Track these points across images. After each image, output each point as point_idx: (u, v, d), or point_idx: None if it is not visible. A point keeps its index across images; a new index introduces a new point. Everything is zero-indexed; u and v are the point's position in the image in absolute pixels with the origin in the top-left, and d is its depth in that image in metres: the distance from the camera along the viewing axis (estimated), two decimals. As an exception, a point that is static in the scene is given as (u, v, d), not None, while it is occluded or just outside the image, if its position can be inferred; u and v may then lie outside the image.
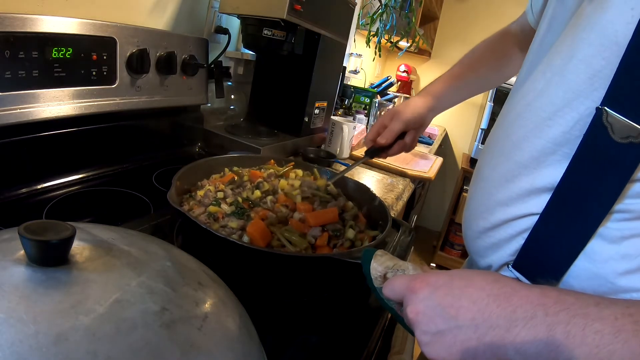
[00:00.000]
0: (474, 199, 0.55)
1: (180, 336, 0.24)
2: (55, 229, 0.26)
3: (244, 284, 0.43)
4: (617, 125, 0.37)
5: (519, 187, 0.47)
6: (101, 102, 0.75)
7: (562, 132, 0.42)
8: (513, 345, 0.28)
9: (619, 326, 0.26)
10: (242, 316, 0.32)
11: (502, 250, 0.49)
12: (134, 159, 0.88)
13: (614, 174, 0.39)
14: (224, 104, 1.21)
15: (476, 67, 0.79)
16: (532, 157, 0.45)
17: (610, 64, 0.38)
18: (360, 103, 2.04)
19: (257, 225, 0.56)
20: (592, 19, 0.41)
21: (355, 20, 2.04)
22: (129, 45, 0.78)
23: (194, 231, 0.56)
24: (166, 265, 0.30)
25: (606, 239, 0.41)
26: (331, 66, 1.25)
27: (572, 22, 0.44)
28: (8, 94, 0.59)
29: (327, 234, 0.60)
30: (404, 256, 0.70)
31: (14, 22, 0.58)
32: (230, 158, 0.78)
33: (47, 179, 0.70)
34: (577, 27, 0.43)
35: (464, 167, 2.66)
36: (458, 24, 2.94)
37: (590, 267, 0.42)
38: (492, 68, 0.79)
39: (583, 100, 0.41)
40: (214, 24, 1.09)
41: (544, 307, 0.28)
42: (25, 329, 0.21)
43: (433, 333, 0.31)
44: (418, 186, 1.58)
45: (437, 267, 2.72)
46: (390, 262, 0.41)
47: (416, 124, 0.78)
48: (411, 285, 0.34)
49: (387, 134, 0.77)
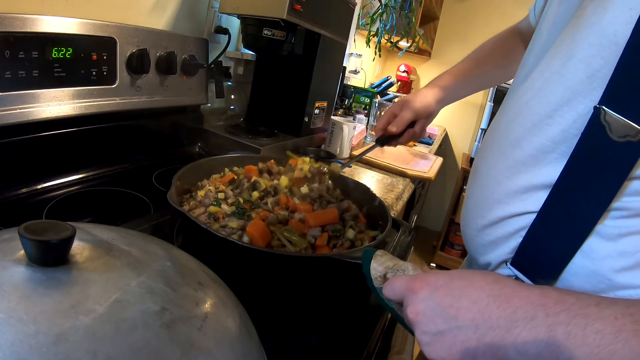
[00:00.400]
0: (472, 197, 0.55)
1: (180, 336, 0.24)
2: (55, 229, 0.26)
3: (244, 284, 0.43)
4: (614, 124, 0.38)
5: (517, 185, 0.47)
6: (101, 102, 0.75)
7: (560, 130, 0.43)
8: (513, 345, 0.28)
9: (620, 326, 0.26)
10: (242, 316, 0.32)
11: (500, 247, 0.49)
12: (134, 159, 0.88)
13: (611, 172, 0.39)
14: (224, 104, 1.21)
15: (483, 63, 0.81)
16: (530, 155, 0.46)
17: (609, 63, 0.38)
18: (360, 103, 2.04)
19: (257, 225, 0.56)
20: (592, 18, 0.41)
21: (355, 20, 2.04)
22: (129, 45, 0.78)
23: (194, 231, 0.56)
24: (166, 265, 0.30)
25: (604, 236, 0.41)
26: (331, 66, 1.25)
27: (572, 22, 0.45)
28: (8, 94, 0.59)
29: (327, 234, 0.60)
30: (404, 256, 0.70)
31: (14, 22, 0.58)
32: (230, 158, 0.78)
33: (47, 179, 0.70)
34: (577, 27, 0.43)
35: (464, 167, 2.67)
36: (458, 24, 2.93)
37: (588, 264, 0.42)
38: (499, 65, 0.80)
39: (582, 99, 0.41)
40: (214, 24, 1.09)
41: (545, 307, 0.28)
42: (25, 329, 0.21)
43: (433, 333, 0.31)
44: (418, 186, 1.59)
45: (437, 267, 2.72)
46: (390, 262, 0.41)
47: (425, 113, 0.80)
48: (411, 286, 0.34)
49: (398, 122, 0.79)
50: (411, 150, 1.72)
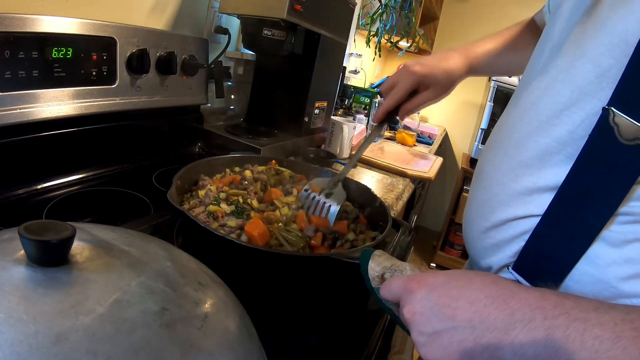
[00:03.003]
0: (475, 199, 0.54)
1: (180, 336, 0.24)
2: (55, 229, 0.26)
3: (244, 284, 0.43)
4: (623, 127, 0.37)
5: (521, 187, 0.46)
6: (101, 102, 0.75)
7: (567, 131, 0.42)
8: (511, 347, 0.28)
9: (619, 332, 0.25)
10: (242, 316, 0.32)
11: (502, 251, 0.48)
12: (134, 159, 0.88)
13: (619, 176, 0.38)
14: (224, 104, 1.21)
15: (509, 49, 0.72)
16: (535, 156, 0.45)
17: (619, 63, 0.37)
18: (360, 103, 2.04)
19: (255, 225, 0.56)
20: (602, 17, 0.40)
21: (355, 20, 2.04)
22: (129, 45, 0.78)
23: (193, 230, 0.56)
24: (166, 265, 0.30)
25: (609, 242, 0.40)
26: (331, 66, 1.25)
27: (583, 20, 0.44)
28: (8, 94, 0.59)
29: (321, 234, 0.59)
30: (404, 256, 0.70)
31: (14, 22, 0.58)
32: (230, 158, 0.78)
33: (47, 179, 0.70)
34: (587, 26, 0.42)
35: (464, 167, 2.66)
36: (458, 24, 2.93)
37: (592, 271, 0.41)
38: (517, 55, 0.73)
39: (590, 99, 0.40)
40: (214, 24, 1.09)
41: (543, 310, 0.28)
42: (25, 329, 0.21)
43: (429, 334, 0.31)
44: (418, 186, 1.59)
45: (437, 267, 2.72)
46: (388, 263, 0.41)
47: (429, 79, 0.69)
48: (408, 286, 0.34)
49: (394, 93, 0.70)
50: (411, 150, 1.72)
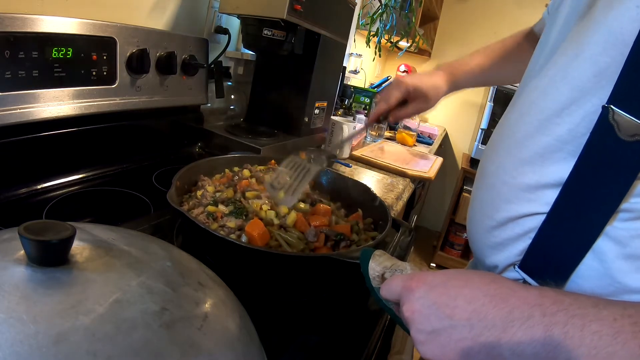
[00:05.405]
0: (479, 197, 0.54)
1: (180, 336, 0.24)
2: (55, 229, 0.26)
3: (244, 284, 0.43)
4: (623, 124, 0.37)
5: (524, 183, 0.46)
6: (101, 102, 0.75)
7: (568, 129, 0.42)
8: (509, 345, 0.28)
9: (618, 327, 0.25)
10: (242, 316, 0.32)
11: (507, 250, 0.49)
12: (134, 159, 0.88)
13: (620, 173, 0.39)
14: (224, 104, 1.21)
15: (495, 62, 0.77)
16: (537, 154, 0.45)
17: (616, 61, 0.38)
18: (360, 103, 2.04)
19: (255, 225, 0.56)
20: (598, 16, 0.41)
21: (355, 20, 2.03)
22: (129, 45, 0.77)
23: (193, 231, 0.56)
24: (166, 265, 0.30)
25: (613, 238, 0.41)
26: (331, 66, 1.25)
27: (580, 19, 0.44)
28: (8, 94, 0.59)
29: (323, 235, 0.59)
30: (404, 256, 0.70)
31: (14, 22, 0.58)
32: (230, 158, 0.78)
33: (47, 179, 0.70)
34: (584, 25, 0.43)
35: (464, 167, 2.66)
36: (458, 24, 2.93)
37: (597, 267, 0.42)
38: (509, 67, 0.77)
39: (589, 98, 0.40)
40: (214, 24, 1.09)
41: (541, 307, 0.28)
42: (25, 329, 0.21)
43: (428, 332, 0.31)
44: (418, 186, 1.58)
45: (437, 267, 2.72)
46: (388, 262, 0.41)
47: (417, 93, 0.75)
48: (407, 284, 0.34)
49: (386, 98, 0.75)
50: (411, 150, 1.72)
